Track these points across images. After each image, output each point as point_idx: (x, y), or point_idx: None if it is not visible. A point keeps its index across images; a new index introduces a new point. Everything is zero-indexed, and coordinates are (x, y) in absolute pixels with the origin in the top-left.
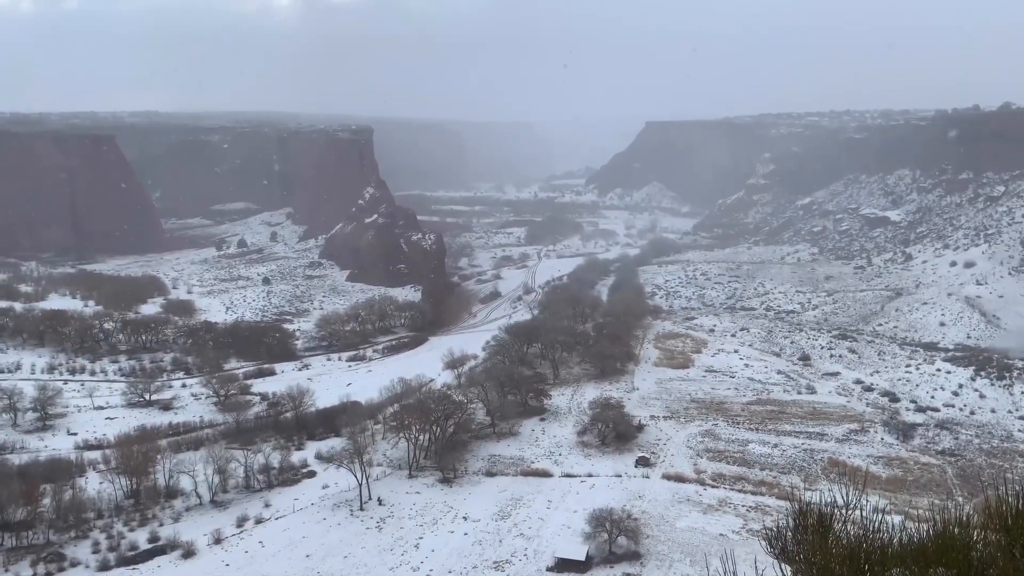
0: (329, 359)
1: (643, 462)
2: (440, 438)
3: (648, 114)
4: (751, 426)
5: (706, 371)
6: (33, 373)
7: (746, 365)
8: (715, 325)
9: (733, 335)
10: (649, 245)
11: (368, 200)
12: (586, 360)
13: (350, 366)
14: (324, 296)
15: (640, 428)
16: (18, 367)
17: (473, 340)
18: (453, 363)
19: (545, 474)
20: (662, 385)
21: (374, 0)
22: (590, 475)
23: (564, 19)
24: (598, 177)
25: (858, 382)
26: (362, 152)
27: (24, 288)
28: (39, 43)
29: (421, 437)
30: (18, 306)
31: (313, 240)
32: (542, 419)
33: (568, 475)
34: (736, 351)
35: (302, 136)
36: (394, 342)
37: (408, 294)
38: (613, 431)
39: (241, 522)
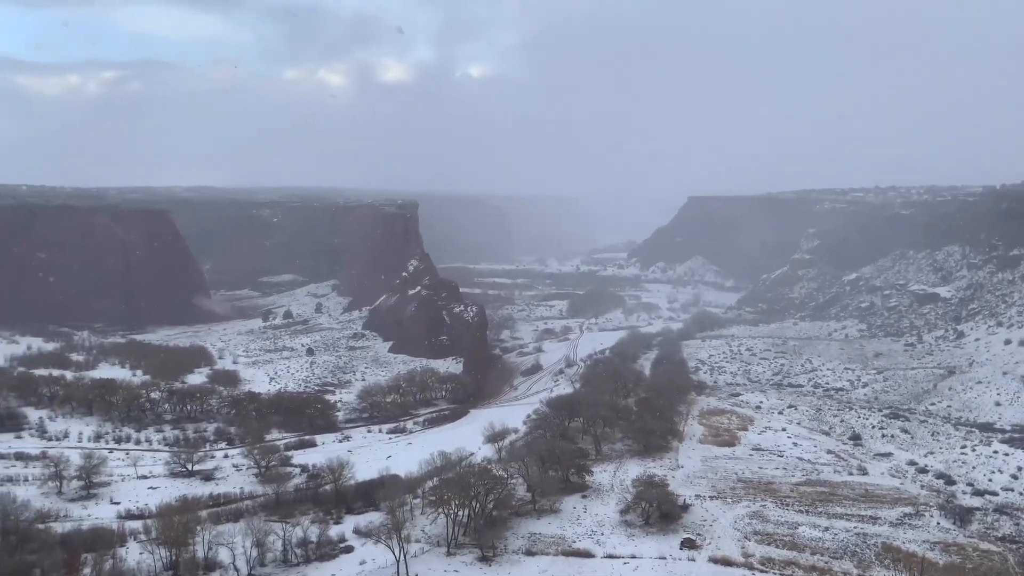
0: (370, 431)
1: (689, 544)
2: (480, 514)
3: (690, 189)
4: (801, 508)
5: (753, 449)
6: (80, 441)
7: (795, 444)
8: (761, 402)
9: (780, 412)
10: (692, 319)
11: (412, 272)
12: (629, 436)
13: (390, 438)
14: (366, 367)
15: (685, 508)
16: (66, 435)
17: (514, 413)
18: (494, 436)
19: (587, 555)
20: (708, 463)
21: (423, 80)
22: (633, 556)
23: (606, 96)
24: (640, 251)
25: (912, 463)
26: (407, 226)
27: (75, 357)
28: (102, 121)
29: (460, 513)
30: (69, 375)
31: (357, 311)
32: (584, 496)
33: (611, 556)
34: (784, 429)
35: (349, 210)
36: (435, 414)
37: (450, 366)
38: (657, 510)
39: None
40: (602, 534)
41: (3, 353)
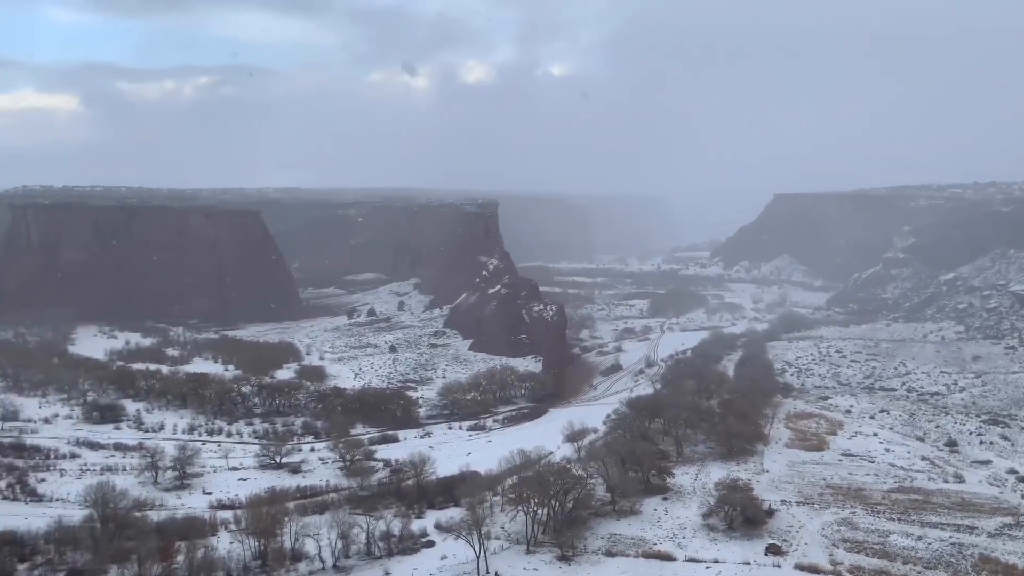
0: (450, 427)
1: (774, 550)
2: (559, 513)
3: (776, 186)
4: (893, 515)
5: (842, 454)
6: (175, 433)
7: (887, 450)
8: (852, 406)
9: (872, 417)
10: (778, 320)
11: (491, 271)
12: (711, 438)
13: (470, 435)
14: (447, 365)
15: (770, 513)
16: (161, 427)
17: (593, 413)
18: (573, 436)
19: (668, 557)
20: (794, 468)
21: (504, 80)
22: (716, 561)
23: (689, 94)
24: (724, 250)
25: (1012, 472)
26: (487, 225)
27: (171, 352)
28: (197, 125)
29: (539, 511)
30: (165, 369)
31: (438, 310)
32: (665, 498)
33: (692, 560)
34: (875, 434)
35: (431, 210)
36: (514, 412)
37: (529, 365)
38: (741, 515)
39: None
40: (683, 537)
41: (103, 348)
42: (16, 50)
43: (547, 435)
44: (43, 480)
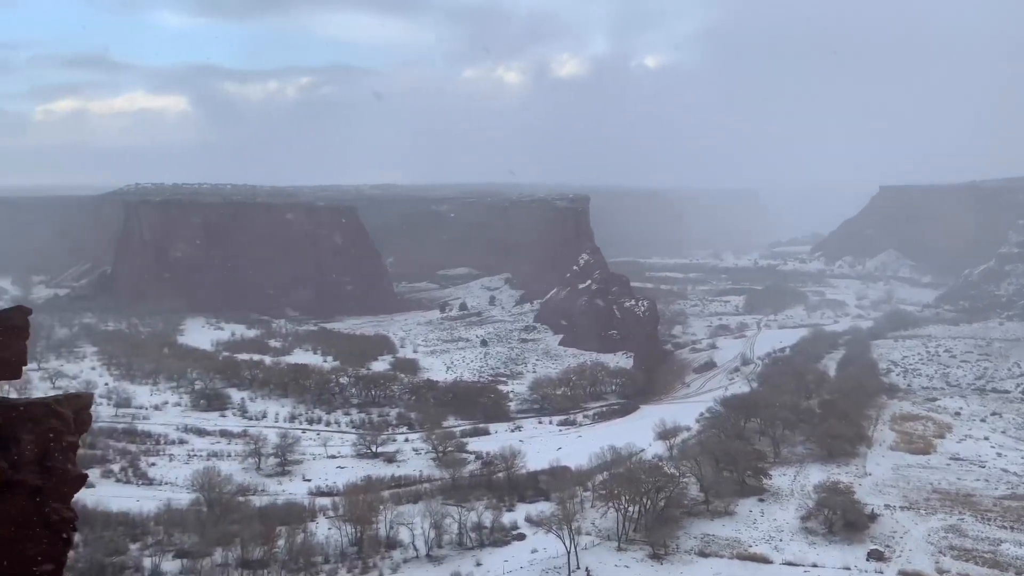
0: (540, 422)
1: (876, 556)
2: (650, 511)
3: (881, 178)
4: (1005, 523)
5: (951, 459)
6: (276, 421)
7: (998, 454)
8: (961, 408)
9: (983, 420)
10: (884, 317)
11: (582, 266)
12: (811, 439)
13: (560, 430)
14: (537, 359)
15: (873, 518)
16: (264, 415)
17: (686, 411)
18: (665, 434)
19: (764, 560)
20: (899, 471)
21: (597, 74)
22: (815, 565)
23: (787, 85)
24: (825, 244)
25: None
26: (578, 220)
27: (273, 343)
28: (298, 124)
29: (631, 508)
30: (267, 359)
31: (528, 304)
32: (761, 499)
33: (790, 563)
34: (986, 438)
35: (522, 205)
36: (604, 408)
37: (620, 360)
38: (842, 519)
39: None
40: (780, 540)
41: (210, 338)
42: (130, 54)
43: (638, 432)
44: (153, 464)
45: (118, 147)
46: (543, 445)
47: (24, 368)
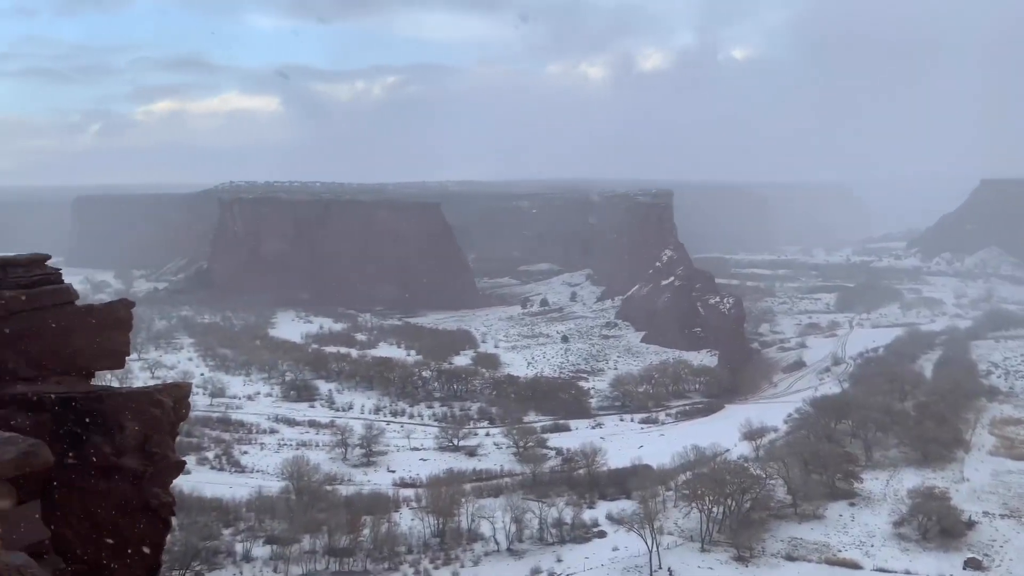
0: (622, 419)
1: (973, 564)
2: (735, 513)
3: (983, 171)
4: None
5: None
6: (362, 413)
7: None
8: None
9: None
10: (984, 317)
11: (665, 262)
12: (905, 442)
13: (642, 428)
14: (619, 356)
15: (970, 525)
16: (350, 407)
17: (773, 411)
18: (751, 434)
19: (854, 565)
20: (999, 478)
21: (683, 66)
22: (908, 572)
23: (881, 76)
24: (922, 240)
25: None
26: (661, 215)
27: (360, 337)
28: (384, 123)
29: (715, 509)
30: (354, 352)
31: (610, 301)
32: (851, 504)
33: (881, 570)
34: None
35: (603, 200)
36: (687, 407)
37: (703, 359)
38: (937, 525)
39: (535, 574)
40: (871, 545)
41: (300, 331)
42: (224, 56)
43: (723, 432)
44: (245, 452)
45: (214, 146)
46: (624, 443)
47: (127, 358)
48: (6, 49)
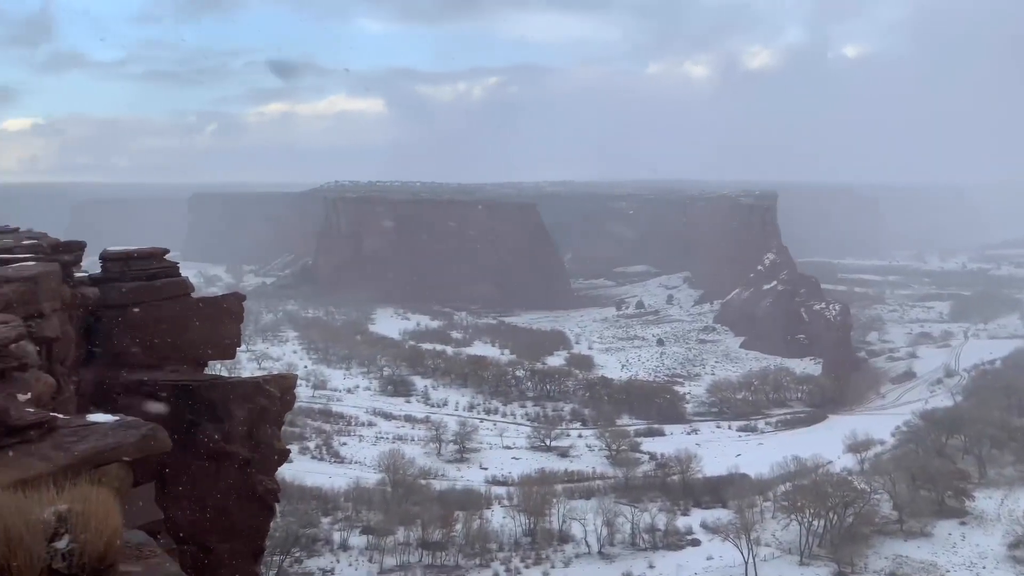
0: (718, 426)
1: None
2: (837, 527)
3: None
4: None
5: None
6: (456, 410)
7: None
8: None
9: None
10: None
11: (768, 266)
12: (1023, 460)
13: (740, 436)
14: (716, 361)
15: None
16: (445, 403)
17: (880, 423)
18: (856, 446)
19: None
20: None
21: (792, 65)
22: None
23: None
24: None
25: None
26: (764, 217)
27: (455, 335)
28: (483, 123)
29: (815, 522)
30: (449, 350)
31: (708, 304)
32: (962, 523)
33: None
34: None
35: (704, 201)
36: (788, 416)
37: (806, 366)
38: None
39: None
40: (983, 567)
41: (398, 328)
42: (332, 60)
43: (825, 443)
44: (344, 444)
45: (321, 147)
46: (721, 450)
47: (238, 349)
48: (131, 53)
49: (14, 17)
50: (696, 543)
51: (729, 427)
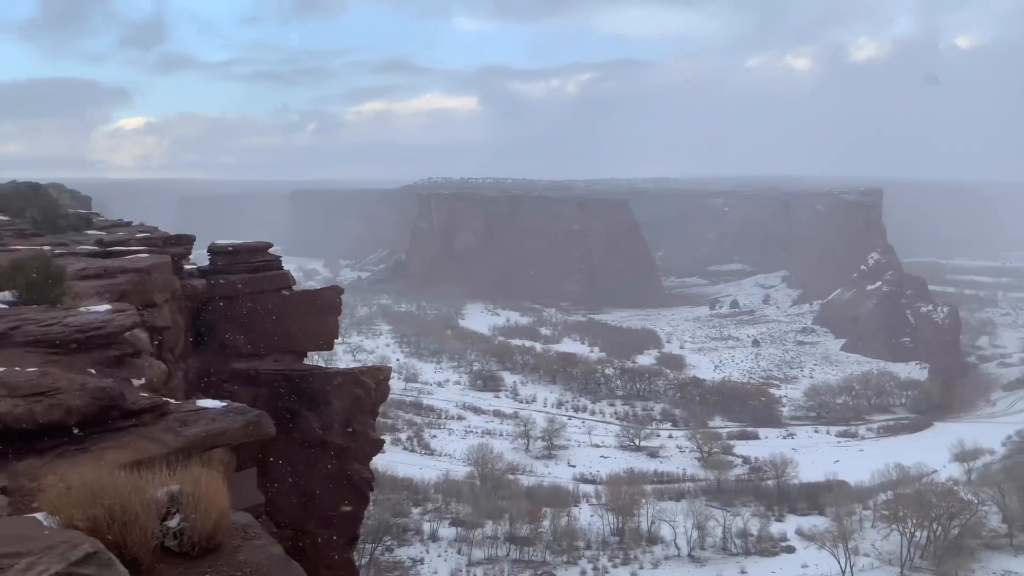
0: (816, 431)
1: None
2: (941, 538)
3: None
4: None
5: None
6: (544, 406)
7: None
8: None
9: None
10: None
11: (871, 266)
12: None
13: (839, 442)
14: (815, 364)
15: None
16: (533, 399)
17: (989, 432)
18: (963, 456)
19: None
20: None
21: (901, 57)
22: None
23: None
24: None
25: None
26: (868, 215)
27: (544, 331)
28: (577, 120)
29: (918, 533)
30: (538, 346)
31: (807, 305)
32: None
33: None
34: None
35: (804, 198)
36: (891, 422)
37: (911, 371)
38: None
39: None
40: None
41: (488, 323)
42: (428, 59)
43: (930, 451)
44: (435, 436)
45: (415, 144)
46: (818, 456)
47: (335, 341)
48: (237, 55)
49: (129, 21)
50: (791, 550)
51: (827, 432)
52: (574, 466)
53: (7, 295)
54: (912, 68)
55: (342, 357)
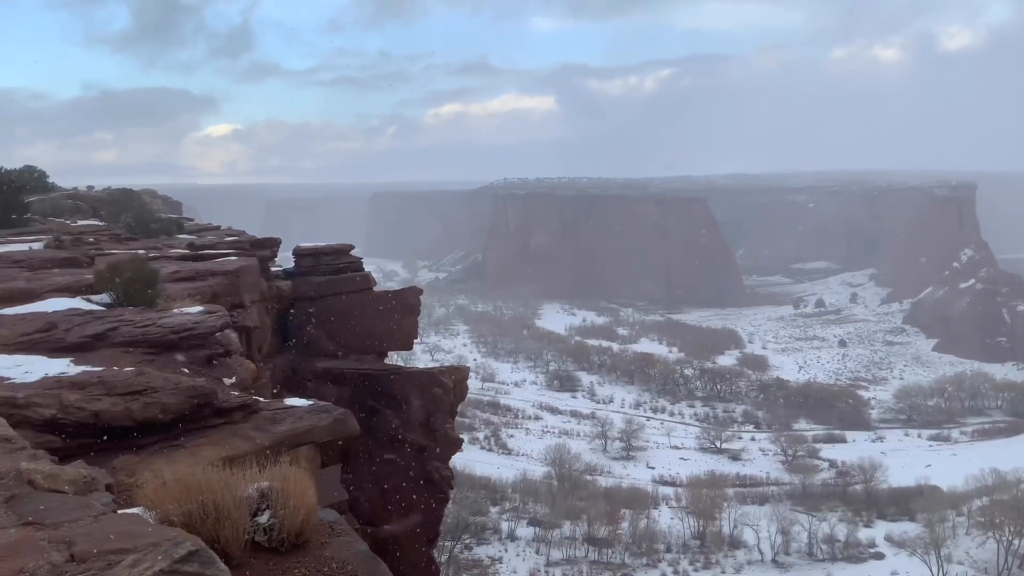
0: (907, 434)
1: None
2: None
3: None
4: None
5: None
6: (622, 407)
7: None
8: None
9: None
10: None
11: (965, 263)
12: None
13: (931, 445)
14: (905, 365)
15: None
16: (611, 400)
17: None
18: None
19: None
20: None
21: (996, 45)
22: None
23: None
24: None
25: None
26: (961, 210)
27: (621, 331)
28: (654, 117)
29: (1015, 541)
30: (615, 346)
31: (897, 304)
32: None
33: None
34: None
35: (893, 194)
36: (986, 425)
37: (1008, 372)
38: None
39: None
40: None
41: (564, 323)
42: (505, 59)
43: None
44: (512, 436)
45: (492, 145)
46: (909, 460)
47: (415, 341)
48: (321, 62)
49: (218, 31)
50: (879, 556)
51: (919, 436)
52: (653, 468)
53: (105, 297)
54: (1007, 57)
55: (420, 357)
